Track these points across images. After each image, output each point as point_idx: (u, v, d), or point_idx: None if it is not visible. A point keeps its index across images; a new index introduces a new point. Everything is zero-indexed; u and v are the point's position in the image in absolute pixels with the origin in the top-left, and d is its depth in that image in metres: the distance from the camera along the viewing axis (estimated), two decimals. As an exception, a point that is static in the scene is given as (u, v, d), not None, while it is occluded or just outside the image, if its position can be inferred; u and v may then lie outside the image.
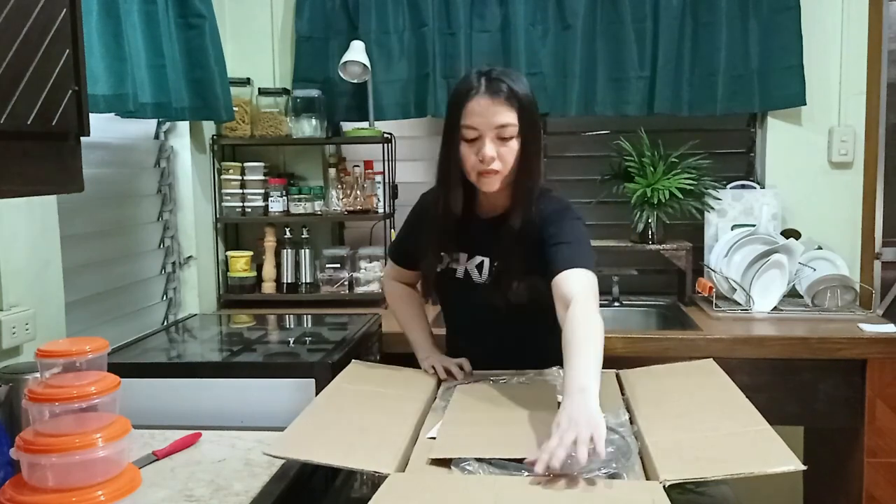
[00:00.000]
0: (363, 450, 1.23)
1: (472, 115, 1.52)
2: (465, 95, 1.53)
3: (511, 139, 1.53)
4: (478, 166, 1.54)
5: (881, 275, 2.84)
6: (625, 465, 1.16)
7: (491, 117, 1.51)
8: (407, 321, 1.88)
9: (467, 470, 1.15)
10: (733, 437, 1.24)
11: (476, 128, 1.52)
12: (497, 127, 1.52)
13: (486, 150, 1.51)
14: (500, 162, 1.53)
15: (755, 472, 1.09)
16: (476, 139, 1.53)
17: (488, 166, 1.53)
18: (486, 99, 1.52)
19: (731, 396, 1.43)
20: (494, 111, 1.51)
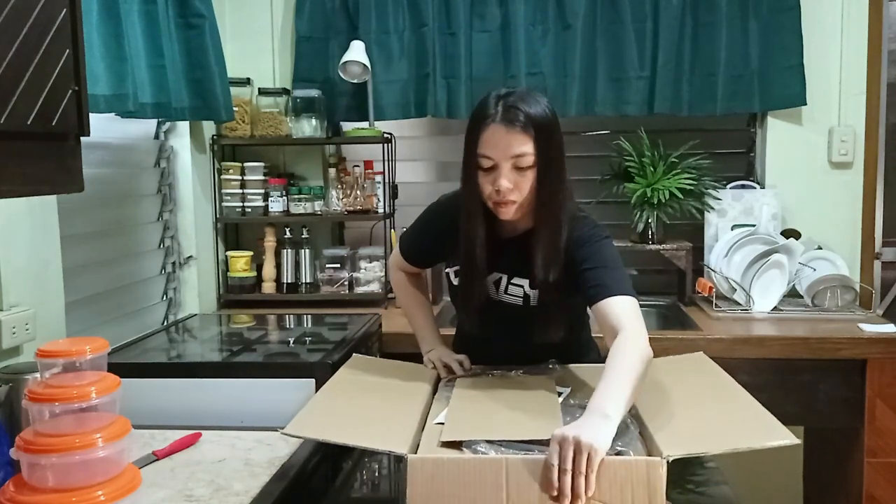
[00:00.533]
0: (376, 432, 1.26)
1: (487, 144, 1.48)
2: (481, 122, 1.49)
3: (528, 168, 1.49)
4: (493, 196, 1.51)
5: (881, 275, 2.84)
6: (628, 444, 1.18)
7: (506, 147, 1.47)
8: (413, 311, 1.87)
9: (479, 451, 1.17)
10: (729, 415, 1.30)
11: (491, 157, 1.48)
12: (513, 157, 1.47)
13: (502, 182, 1.48)
14: (518, 192, 1.49)
15: (754, 446, 1.14)
16: (492, 168, 1.49)
17: (505, 197, 1.49)
18: (502, 127, 1.47)
19: (723, 382, 1.48)
20: (509, 141, 1.46)
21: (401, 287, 1.91)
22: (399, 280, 1.90)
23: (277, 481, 1.30)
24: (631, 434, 1.23)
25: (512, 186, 1.48)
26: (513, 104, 1.47)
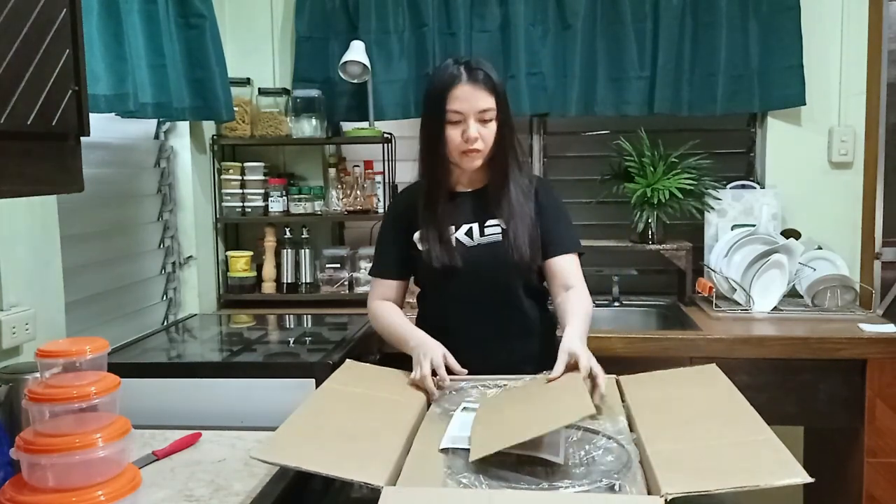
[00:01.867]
0: (354, 458, 1.20)
1: (456, 100, 1.71)
2: (449, 83, 1.72)
3: (490, 122, 1.74)
4: (462, 146, 1.73)
5: (881, 275, 2.83)
6: (625, 476, 1.14)
7: (474, 102, 1.71)
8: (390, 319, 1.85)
9: (462, 483, 1.14)
10: (737, 446, 1.21)
11: (461, 111, 1.71)
12: (479, 111, 1.72)
13: (471, 132, 1.71)
14: (482, 141, 1.73)
15: (760, 484, 1.08)
16: (459, 122, 1.72)
17: (472, 146, 1.72)
18: (469, 86, 1.71)
19: (734, 403, 1.41)
20: (477, 97, 1.71)
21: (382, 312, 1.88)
22: (379, 308, 1.89)
23: (277, 481, 1.30)
24: (630, 463, 1.19)
25: (478, 136, 1.72)
26: (476, 66, 1.74)
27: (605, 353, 2.21)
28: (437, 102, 1.73)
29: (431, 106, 1.76)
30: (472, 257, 1.79)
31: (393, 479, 1.16)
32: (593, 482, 1.12)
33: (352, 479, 1.15)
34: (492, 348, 1.80)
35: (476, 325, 1.82)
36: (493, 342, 1.81)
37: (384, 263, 1.91)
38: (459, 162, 1.77)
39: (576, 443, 1.27)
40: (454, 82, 1.72)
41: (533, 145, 3.00)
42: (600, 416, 1.37)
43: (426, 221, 1.80)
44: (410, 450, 1.27)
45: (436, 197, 1.80)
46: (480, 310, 1.82)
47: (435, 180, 1.80)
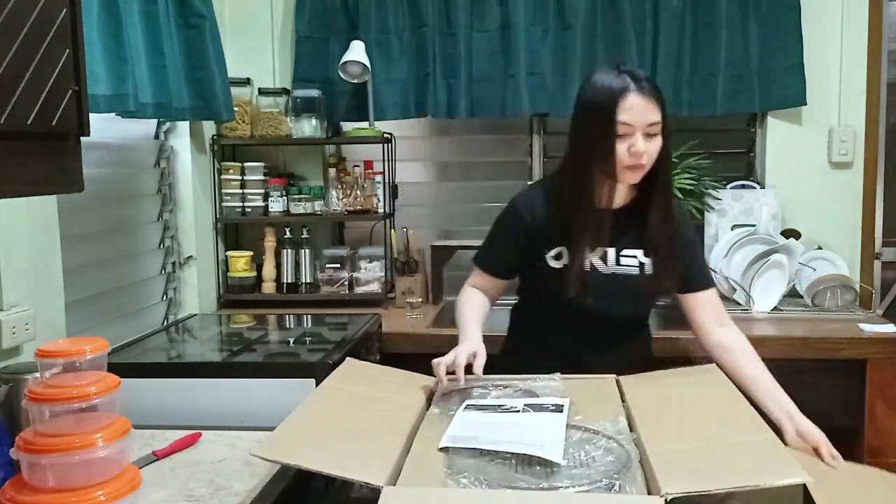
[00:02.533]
0: (354, 458, 1.20)
1: (626, 111, 1.59)
2: (618, 92, 1.60)
3: (656, 136, 1.63)
4: (627, 160, 1.61)
5: (881, 275, 2.84)
6: (625, 476, 1.14)
7: (643, 115, 1.60)
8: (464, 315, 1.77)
9: (462, 483, 1.14)
10: (737, 446, 1.22)
11: (630, 124, 1.60)
12: (648, 125, 1.60)
13: (639, 146, 1.60)
14: (647, 157, 1.62)
15: (760, 484, 1.08)
16: (626, 135, 1.60)
17: (639, 161, 1.61)
18: (640, 97, 1.60)
19: (734, 403, 1.41)
20: (646, 109, 1.60)
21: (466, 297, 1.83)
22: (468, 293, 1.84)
23: (277, 481, 1.30)
24: (630, 463, 1.19)
25: (645, 150, 1.61)
26: (643, 77, 1.63)
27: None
28: (603, 112, 1.60)
29: (596, 116, 1.62)
30: (603, 284, 1.70)
31: (393, 479, 1.16)
32: (593, 482, 1.12)
33: (352, 479, 1.15)
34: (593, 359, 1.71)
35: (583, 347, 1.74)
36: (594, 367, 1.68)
37: (492, 259, 1.83)
38: (620, 176, 1.65)
39: (576, 443, 1.27)
40: (623, 92, 1.60)
41: (533, 145, 3.00)
42: (602, 418, 1.37)
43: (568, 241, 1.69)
44: (410, 450, 1.27)
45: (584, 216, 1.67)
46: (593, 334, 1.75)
47: (586, 196, 1.67)
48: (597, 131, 1.62)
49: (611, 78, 1.63)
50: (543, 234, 1.72)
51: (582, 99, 1.69)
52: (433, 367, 1.55)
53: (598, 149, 1.63)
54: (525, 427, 1.32)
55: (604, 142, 1.61)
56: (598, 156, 1.63)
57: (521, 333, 1.89)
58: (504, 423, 1.35)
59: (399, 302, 2.82)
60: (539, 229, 1.72)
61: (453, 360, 1.54)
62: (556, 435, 1.27)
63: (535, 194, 1.79)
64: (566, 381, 1.57)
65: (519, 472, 1.17)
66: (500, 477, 1.15)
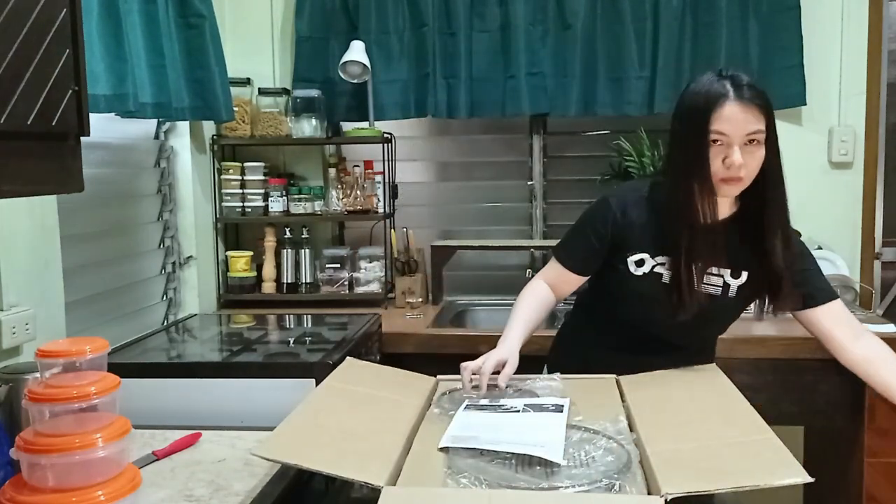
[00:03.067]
0: (354, 457, 1.20)
1: (722, 121, 1.49)
2: (715, 99, 1.50)
3: (758, 146, 1.52)
4: (722, 173, 1.51)
5: (881, 275, 2.83)
6: (625, 476, 1.14)
7: (742, 124, 1.49)
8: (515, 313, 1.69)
9: (462, 483, 1.14)
10: (737, 446, 1.21)
11: (727, 134, 1.49)
12: (748, 134, 1.50)
13: (735, 157, 1.49)
14: (746, 169, 1.52)
15: (760, 484, 1.07)
16: (722, 145, 1.51)
17: (735, 174, 1.51)
18: (738, 105, 1.49)
19: (734, 403, 1.41)
20: (745, 118, 1.49)
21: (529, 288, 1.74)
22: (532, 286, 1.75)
23: (277, 481, 1.30)
24: (630, 463, 1.18)
25: (742, 163, 1.50)
26: (746, 83, 1.51)
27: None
28: (699, 120, 1.50)
29: (692, 123, 1.52)
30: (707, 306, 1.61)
31: (393, 479, 1.16)
32: (593, 482, 1.12)
33: (352, 479, 1.15)
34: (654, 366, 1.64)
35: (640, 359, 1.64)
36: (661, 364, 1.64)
37: (572, 252, 1.72)
38: (716, 188, 1.54)
39: (576, 443, 1.27)
40: (721, 99, 1.49)
41: (533, 145, 3.00)
42: (602, 418, 1.37)
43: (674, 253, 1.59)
44: (410, 450, 1.27)
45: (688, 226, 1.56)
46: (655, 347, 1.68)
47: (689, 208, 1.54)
48: (691, 141, 1.52)
49: (709, 83, 1.52)
50: (630, 236, 1.64)
51: (680, 105, 1.58)
52: (460, 370, 1.53)
53: (692, 159, 1.52)
54: (525, 427, 1.32)
55: (698, 152, 1.51)
56: (692, 167, 1.52)
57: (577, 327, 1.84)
58: (504, 423, 1.35)
59: (399, 302, 2.82)
60: (627, 230, 1.64)
61: (481, 365, 1.50)
62: (557, 435, 1.27)
63: (631, 193, 1.69)
64: (566, 381, 1.57)
65: (519, 472, 1.17)
66: (500, 477, 1.15)
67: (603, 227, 1.66)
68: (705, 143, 1.50)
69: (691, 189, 1.53)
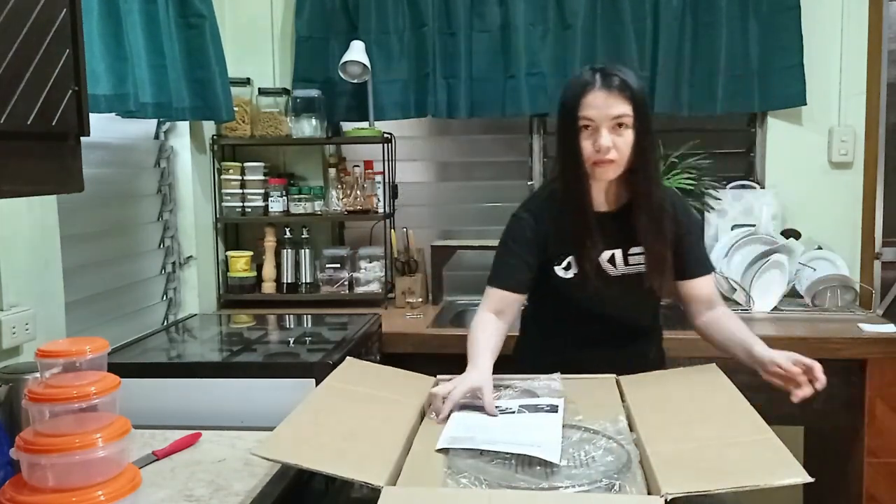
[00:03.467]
0: (354, 457, 1.20)
1: (588, 107, 1.59)
2: (581, 89, 1.61)
3: (626, 130, 1.60)
4: (593, 156, 1.60)
5: (881, 275, 2.83)
6: (625, 476, 1.14)
7: (606, 109, 1.58)
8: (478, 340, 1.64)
9: (462, 483, 1.14)
10: (737, 446, 1.21)
11: (593, 119, 1.59)
12: (613, 118, 1.59)
13: (603, 140, 1.58)
14: (616, 151, 1.60)
15: (760, 484, 1.07)
16: (592, 130, 1.60)
17: (604, 156, 1.59)
18: (603, 92, 1.59)
19: (734, 403, 1.41)
20: (610, 103, 1.58)
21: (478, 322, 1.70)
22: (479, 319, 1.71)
23: (277, 481, 1.30)
24: (630, 463, 1.18)
25: (611, 145, 1.58)
26: (611, 72, 1.62)
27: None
28: (568, 111, 1.62)
29: (563, 115, 1.64)
30: (615, 287, 1.71)
31: (393, 479, 1.16)
32: (593, 482, 1.12)
33: (352, 479, 1.15)
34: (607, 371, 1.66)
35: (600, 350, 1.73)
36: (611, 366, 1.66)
37: (506, 275, 1.73)
38: (591, 173, 1.63)
39: (576, 443, 1.27)
40: (588, 87, 1.60)
41: (533, 145, 3.00)
42: (602, 418, 1.37)
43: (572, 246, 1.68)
44: (410, 450, 1.27)
45: (580, 218, 1.67)
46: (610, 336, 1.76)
47: (576, 199, 1.66)
48: (565, 131, 1.64)
49: (580, 76, 1.65)
50: (549, 244, 1.71)
51: (559, 101, 1.69)
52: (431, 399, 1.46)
53: (567, 148, 1.63)
54: (521, 427, 1.33)
55: (571, 140, 1.62)
56: (568, 154, 1.63)
57: (532, 336, 1.88)
58: (500, 424, 1.35)
59: (399, 302, 2.82)
60: (546, 238, 1.71)
61: (449, 391, 1.43)
62: (553, 435, 1.27)
63: (535, 203, 1.78)
64: (566, 381, 1.57)
65: (519, 472, 1.17)
66: (500, 477, 1.15)
67: (525, 241, 1.72)
68: (576, 129, 1.61)
69: (580, 180, 1.65)
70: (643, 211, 1.66)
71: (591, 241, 1.67)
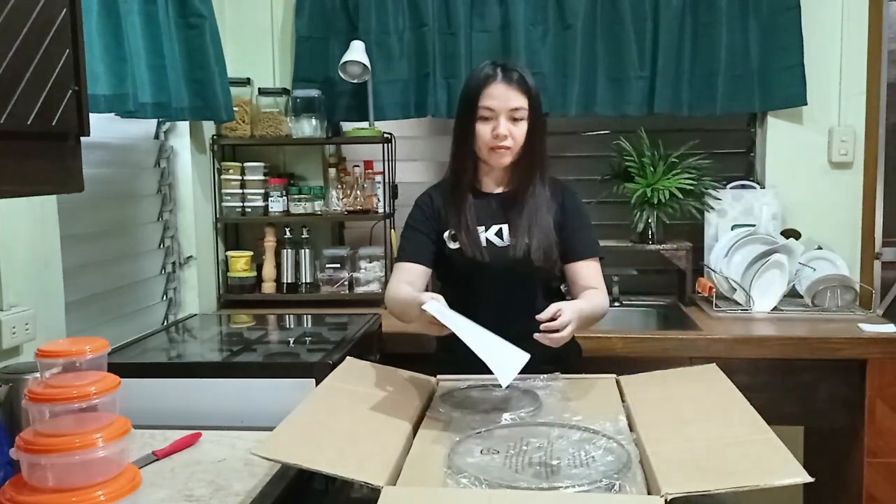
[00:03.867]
0: (354, 457, 1.20)
1: (489, 97, 1.77)
2: (483, 81, 1.78)
3: (522, 121, 1.78)
4: (491, 142, 1.78)
5: (881, 275, 2.83)
6: (625, 476, 1.14)
7: (506, 101, 1.76)
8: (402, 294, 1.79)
9: (462, 483, 1.14)
10: (737, 446, 1.22)
11: (493, 108, 1.77)
12: (511, 109, 1.76)
13: (501, 129, 1.76)
14: (512, 139, 1.77)
15: (760, 484, 1.08)
16: (490, 119, 1.77)
17: (501, 142, 1.77)
18: (503, 84, 1.77)
19: (734, 403, 1.41)
20: (509, 96, 1.76)
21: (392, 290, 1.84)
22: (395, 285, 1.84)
23: (277, 481, 1.30)
24: (630, 463, 1.19)
25: (507, 133, 1.77)
26: (511, 67, 1.81)
27: (605, 353, 2.22)
28: (470, 99, 1.79)
29: (465, 103, 1.82)
30: (501, 258, 1.82)
31: (393, 479, 1.16)
32: (593, 482, 1.12)
33: (352, 479, 1.15)
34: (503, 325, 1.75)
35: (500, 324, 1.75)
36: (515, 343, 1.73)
37: (410, 250, 1.89)
38: (488, 158, 1.81)
39: (576, 443, 1.27)
40: (489, 80, 1.78)
41: (533, 145, 3.00)
42: (602, 418, 1.37)
43: (455, 218, 1.84)
44: (410, 450, 1.27)
45: (463, 194, 1.84)
46: (505, 310, 1.80)
47: (463, 177, 1.85)
48: (464, 117, 1.81)
49: (482, 70, 1.82)
50: (441, 219, 1.87)
51: (461, 91, 1.86)
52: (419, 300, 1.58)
53: (466, 133, 1.80)
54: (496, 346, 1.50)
55: (470, 126, 1.79)
56: (467, 139, 1.80)
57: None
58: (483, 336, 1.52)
59: (399, 302, 2.81)
60: (437, 215, 1.87)
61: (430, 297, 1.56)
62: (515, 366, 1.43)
63: (433, 188, 1.96)
64: (566, 381, 1.57)
65: (519, 472, 1.17)
66: (500, 477, 1.15)
67: (423, 219, 1.89)
68: (475, 117, 1.78)
69: (466, 162, 1.84)
70: (528, 194, 1.83)
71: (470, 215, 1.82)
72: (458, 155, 1.87)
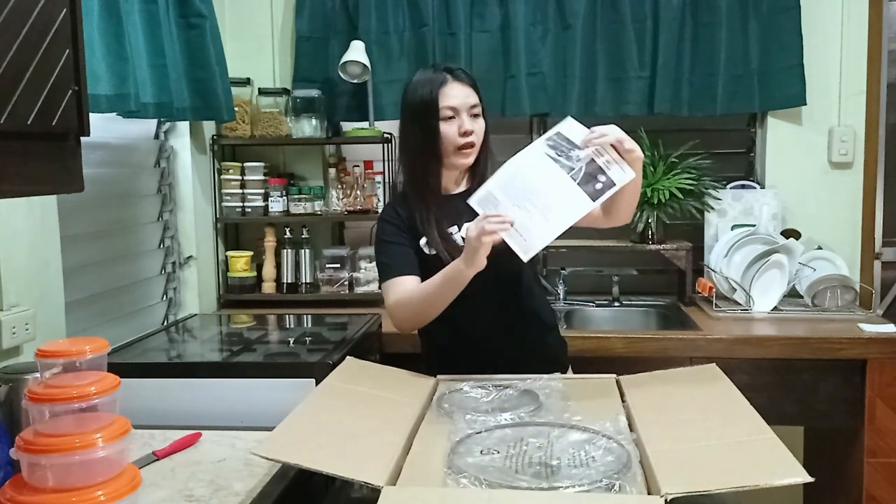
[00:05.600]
0: (354, 457, 1.20)
1: (449, 97, 1.75)
2: (439, 84, 1.76)
3: (479, 117, 1.80)
4: (459, 140, 1.76)
5: (881, 275, 2.84)
6: (625, 476, 1.14)
7: (465, 98, 1.76)
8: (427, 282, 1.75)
9: (462, 483, 1.14)
10: (737, 446, 1.21)
11: (455, 107, 1.75)
12: (471, 106, 1.77)
13: (467, 125, 1.75)
14: (476, 135, 1.78)
15: (760, 484, 1.07)
16: (453, 118, 1.76)
17: (470, 139, 1.76)
18: (458, 84, 1.77)
19: (734, 403, 1.41)
20: (466, 93, 1.77)
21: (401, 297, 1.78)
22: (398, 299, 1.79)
23: (277, 481, 1.30)
24: (630, 463, 1.18)
25: (473, 129, 1.77)
26: (455, 67, 1.81)
27: (605, 353, 2.22)
28: (426, 104, 1.75)
29: (421, 109, 1.75)
30: None
31: (393, 479, 1.16)
32: (593, 482, 1.12)
33: (352, 479, 1.15)
34: (503, 342, 1.80)
35: (488, 320, 1.81)
36: (505, 336, 1.80)
37: (396, 264, 1.81)
38: (455, 159, 1.78)
39: (576, 443, 1.27)
40: (442, 82, 1.76)
41: (533, 145, 3.00)
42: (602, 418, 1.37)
43: (427, 224, 1.79)
44: (410, 450, 1.27)
45: (431, 199, 1.80)
46: (491, 305, 1.81)
47: (429, 182, 1.80)
48: (423, 122, 1.76)
49: (428, 75, 1.79)
50: (412, 228, 1.81)
51: (406, 100, 1.80)
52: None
53: (428, 139, 1.75)
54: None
55: (433, 131, 1.75)
56: (428, 145, 1.76)
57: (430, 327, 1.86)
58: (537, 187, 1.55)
59: (399, 302, 2.81)
60: (408, 225, 1.82)
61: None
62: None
63: (392, 201, 1.92)
64: (566, 381, 1.57)
65: (519, 472, 1.17)
66: (500, 477, 1.15)
67: (396, 230, 1.83)
68: (438, 121, 1.74)
69: (427, 165, 1.79)
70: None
71: (437, 217, 1.79)
72: (420, 160, 1.80)
